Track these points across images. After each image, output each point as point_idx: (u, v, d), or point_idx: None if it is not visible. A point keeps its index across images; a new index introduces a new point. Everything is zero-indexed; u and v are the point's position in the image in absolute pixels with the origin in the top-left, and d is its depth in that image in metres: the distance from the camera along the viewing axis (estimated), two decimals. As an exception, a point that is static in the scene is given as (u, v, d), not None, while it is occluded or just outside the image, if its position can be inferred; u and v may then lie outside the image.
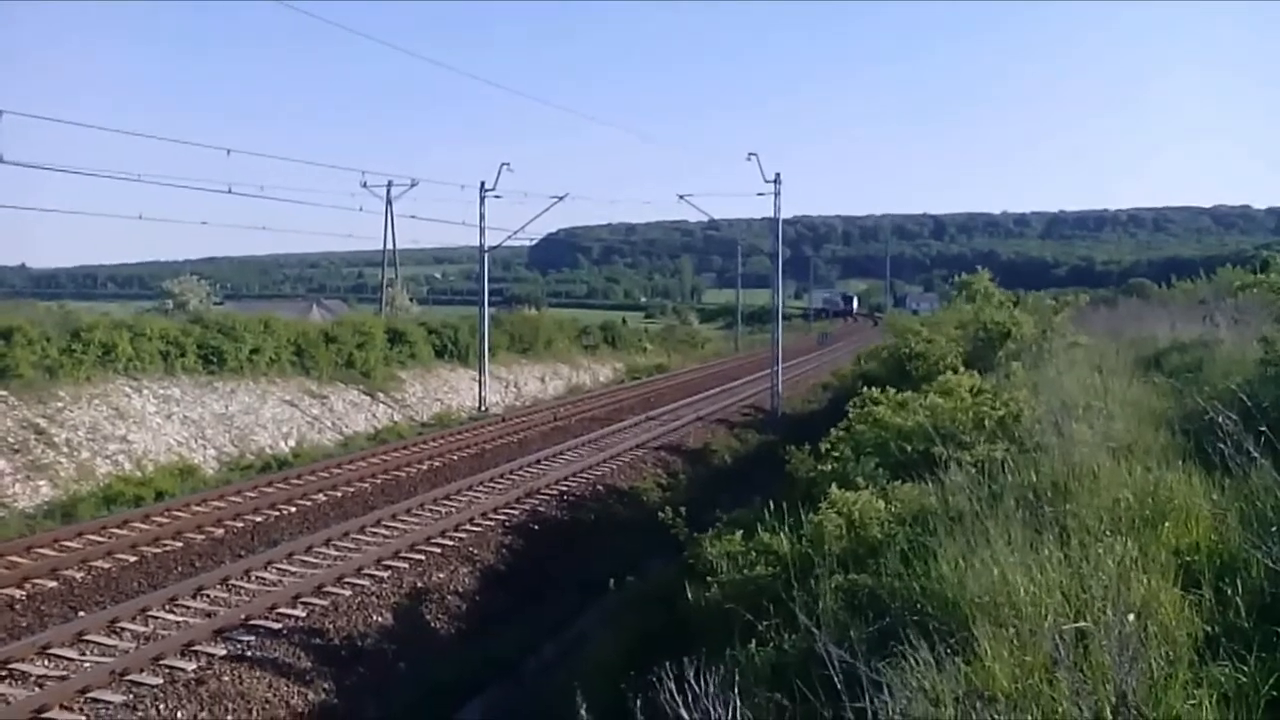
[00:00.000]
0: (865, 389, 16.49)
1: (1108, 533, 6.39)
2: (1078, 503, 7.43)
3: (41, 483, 22.21)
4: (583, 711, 5.01)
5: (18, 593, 15.28)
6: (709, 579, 10.09)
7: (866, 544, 8.71)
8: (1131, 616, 4.88)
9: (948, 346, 25.76)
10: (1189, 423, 9.99)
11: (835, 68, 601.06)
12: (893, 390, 15.82)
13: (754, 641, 7.15)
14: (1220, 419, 7.30)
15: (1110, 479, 7.96)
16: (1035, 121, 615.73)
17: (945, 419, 12.97)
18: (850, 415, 16.01)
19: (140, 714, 11.50)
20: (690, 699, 4.63)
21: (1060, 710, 4.46)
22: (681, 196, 42.35)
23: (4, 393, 24.19)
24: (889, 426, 13.81)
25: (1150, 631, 4.99)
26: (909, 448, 12.37)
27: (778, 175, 39.43)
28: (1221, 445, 7.24)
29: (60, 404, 25.15)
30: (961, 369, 18.17)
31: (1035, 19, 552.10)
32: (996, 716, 4.39)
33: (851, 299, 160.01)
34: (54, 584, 15.77)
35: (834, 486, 10.41)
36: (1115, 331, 25.59)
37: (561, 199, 42.70)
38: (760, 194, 39.86)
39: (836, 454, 13.68)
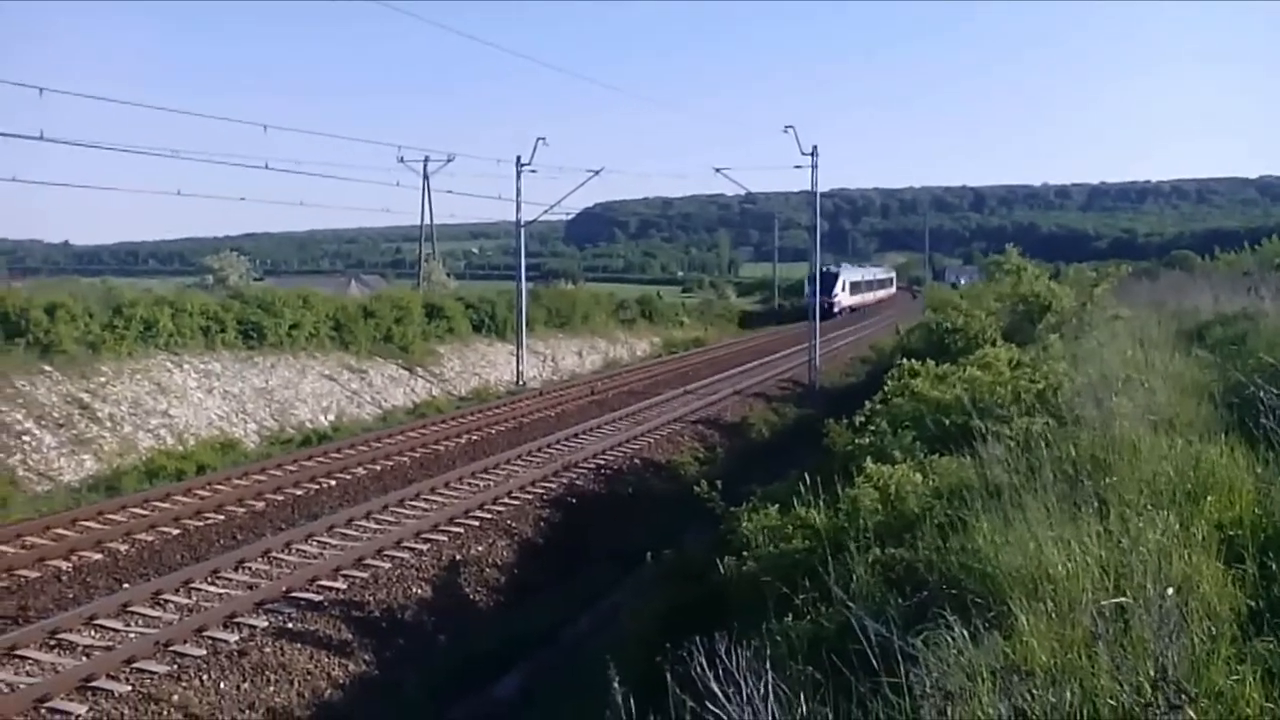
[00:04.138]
0: (903, 362, 16.41)
1: (1148, 507, 6.31)
2: (1117, 476, 7.33)
3: (85, 456, 22.49)
4: (616, 683, 5.00)
5: (64, 564, 15.53)
6: (744, 553, 10.07)
7: (903, 518, 8.65)
8: (1172, 591, 4.82)
9: (987, 320, 25.61)
10: (1232, 396, 9.85)
11: (873, 39, 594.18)
12: (931, 364, 15.73)
13: (789, 615, 7.13)
14: (1263, 393, 7.19)
15: (1151, 452, 7.86)
16: (1077, 92, 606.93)
17: (984, 392, 12.90)
18: (887, 389, 15.93)
19: (184, 685, 11.66)
20: (722, 672, 4.61)
21: (1099, 685, 4.41)
22: (718, 170, 42.08)
23: (49, 368, 24.50)
24: (927, 400, 13.74)
25: (1192, 607, 4.92)
26: (947, 421, 12.28)
27: (815, 148, 39.26)
28: (1265, 419, 7.13)
29: (103, 379, 25.44)
30: (1000, 342, 18.05)
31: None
32: (1034, 691, 4.35)
33: (835, 278, 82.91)
34: (99, 556, 16.02)
35: (871, 460, 10.36)
36: (1157, 304, 25.32)
37: (597, 173, 42.75)
38: (798, 167, 39.72)
39: (873, 427, 13.61)
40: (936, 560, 6.70)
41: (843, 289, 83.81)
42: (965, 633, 4.87)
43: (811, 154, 39.32)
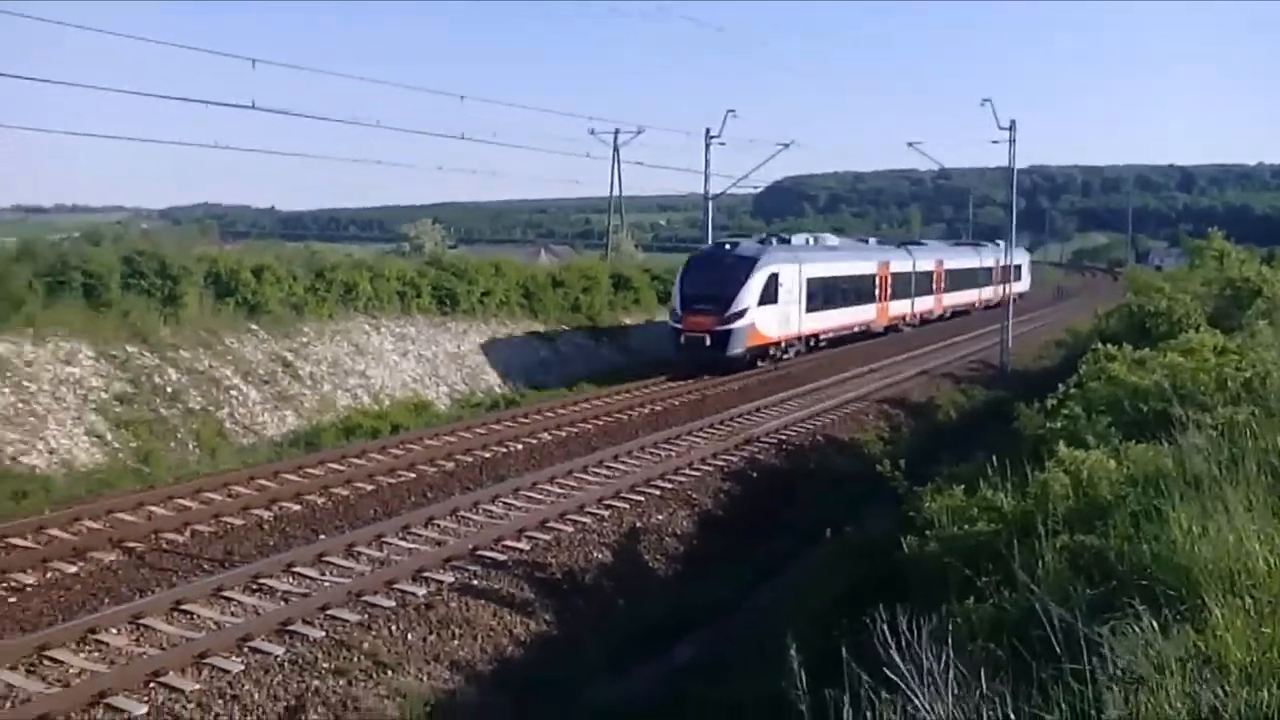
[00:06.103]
0: (1100, 346, 15.91)
1: (1361, 504, 6.01)
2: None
3: (288, 412, 23.63)
4: (793, 653, 5.05)
5: (266, 514, 16.38)
6: (927, 533, 9.96)
7: (1094, 504, 8.42)
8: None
9: (1191, 304, 24.56)
10: None
11: (1077, 9, 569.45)
12: (1129, 348, 15.21)
13: (971, 597, 7.04)
14: None
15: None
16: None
17: (1185, 378, 12.41)
18: (1082, 372, 15.47)
19: (374, 634, 12.18)
20: (903, 644, 4.61)
21: (1299, 686, 4.25)
22: (911, 144, 40.58)
23: (255, 327, 25.79)
24: (1124, 384, 13.31)
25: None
26: (1144, 407, 11.89)
27: (1013, 122, 37.95)
28: None
29: (305, 339, 26.64)
30: (1205, 327, 17.31)
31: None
32: (1227, 687, 4.20)
33: (747, 266, 32.62)
34: (298, 508, 16.83)
35: (1063, 444, 10.11)
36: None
37: (787, 146, 42.03)
38: (995, 142, 38.43)
39: (1066, 411, 13.24)
40: (1127, 550, 6.52)
41: (765, 298, 33.29)
42: (1154, 624, 4.74)
43: (1009, 129, 38.10)
